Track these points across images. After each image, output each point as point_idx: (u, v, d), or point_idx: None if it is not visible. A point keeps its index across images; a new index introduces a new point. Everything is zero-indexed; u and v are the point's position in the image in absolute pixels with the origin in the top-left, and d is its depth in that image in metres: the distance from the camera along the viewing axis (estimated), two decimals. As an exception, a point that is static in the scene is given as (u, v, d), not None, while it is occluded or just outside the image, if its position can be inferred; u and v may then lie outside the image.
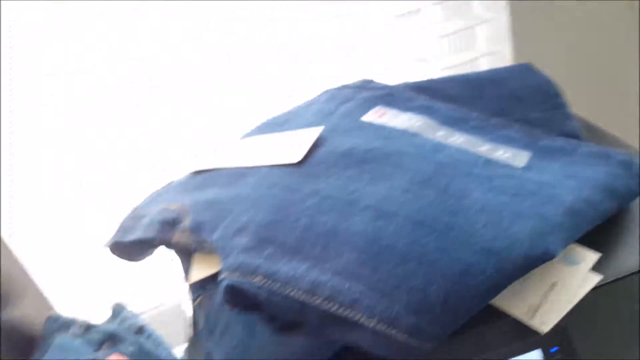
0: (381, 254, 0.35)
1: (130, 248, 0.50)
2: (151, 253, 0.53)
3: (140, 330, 0.62)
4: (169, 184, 0.53)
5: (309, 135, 0.45)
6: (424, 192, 0.38)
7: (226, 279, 0.37)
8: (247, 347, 0.39)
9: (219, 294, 0.37)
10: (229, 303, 0.37)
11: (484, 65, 0.87)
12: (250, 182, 0.44)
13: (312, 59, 0.86)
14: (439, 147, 0.43)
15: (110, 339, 0.60)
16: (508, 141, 0.45)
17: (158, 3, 0.79)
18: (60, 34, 0.75)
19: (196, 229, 0.42)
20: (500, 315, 0.40)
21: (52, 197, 0.83)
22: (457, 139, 0.44)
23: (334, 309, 0.34)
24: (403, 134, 0.44)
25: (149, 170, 0.83)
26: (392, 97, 0.50)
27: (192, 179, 0.50)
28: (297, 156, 0.43)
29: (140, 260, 0.53)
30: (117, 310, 0.65)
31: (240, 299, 0.37)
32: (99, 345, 0.60)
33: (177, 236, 0.44)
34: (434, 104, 0.48)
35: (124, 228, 0.49)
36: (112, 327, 0.61)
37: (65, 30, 0.75)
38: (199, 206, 0.44)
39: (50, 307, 0.79)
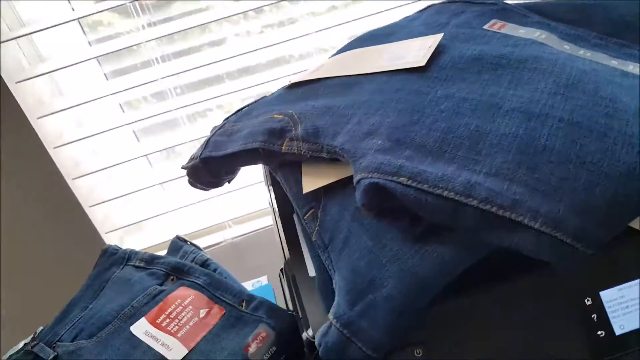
0: (538, 155, 0.32)
1: (219, 165, 0.46)
2: (235, 175, 0.50)
3: (205, 263, 0.58)
4: (258, 100, 0.50)
5: (429, 41, 0.41)
6: (573, 95, 0.35)
7: (366, 178, 0.34)
8: (376, 257, 0.36)
9: (356, 195, 0.34)
10: (366, 206, 0.34)
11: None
12: (368, 89, 0.41)
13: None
14: (572, 57, 0.40)
15: (175, 272, 0.56)
16: (634, 59, 0.43)
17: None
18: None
19: (312, 135, 0.39)
20: (636, 236, 0.38)
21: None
22: (585, 53, 0.42)
23: (493, 210, 0.31)
24: (532, 42, 0.41)
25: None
26: (507, 11, 0.46)
27: (291, 91, 0.46)
28: (420, 60, 0.40)
29: (220, 184, 0.50)
30: (177, 244, 0.61)
31: (381, 200, 0.34)
32: (164, 278, 0.56)
33: (287, 145, 0.40)
34: (550, 22, 0.46)
35: (214, 143, 0.46)
36: (176, 260, 0.57)
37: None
38: (310, 113, 0.40)
39: (102, 242, 0.75)
